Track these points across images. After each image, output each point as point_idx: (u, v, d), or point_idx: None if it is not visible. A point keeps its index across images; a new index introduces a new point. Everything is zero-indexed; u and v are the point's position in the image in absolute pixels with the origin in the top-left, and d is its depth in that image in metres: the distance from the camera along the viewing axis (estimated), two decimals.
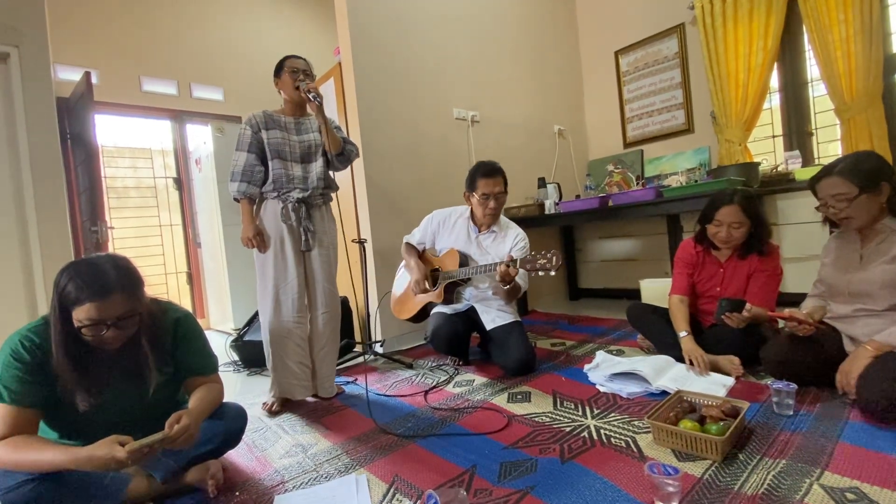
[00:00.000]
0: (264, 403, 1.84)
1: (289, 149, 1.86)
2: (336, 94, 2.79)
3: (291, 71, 1.85)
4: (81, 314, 1.02)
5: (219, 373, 1.35)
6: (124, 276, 1.08)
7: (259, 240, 1.81)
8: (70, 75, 3.23)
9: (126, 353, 1.14)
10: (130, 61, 3.67)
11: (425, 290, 2.14)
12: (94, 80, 3.29)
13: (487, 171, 2.09)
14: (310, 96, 1.76)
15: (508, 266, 1.77)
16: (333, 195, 2.01)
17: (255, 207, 1.86)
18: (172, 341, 1.24)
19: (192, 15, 4.02)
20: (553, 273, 1.70)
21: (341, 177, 2.83)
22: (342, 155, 1.92)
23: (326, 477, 1.27)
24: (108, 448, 0.96)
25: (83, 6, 3.48)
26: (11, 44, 2.32)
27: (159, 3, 3.84)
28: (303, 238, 1.84)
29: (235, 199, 1.84)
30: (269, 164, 1.84)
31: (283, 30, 4.55)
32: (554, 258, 1.69)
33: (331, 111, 2.89)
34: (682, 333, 1.81)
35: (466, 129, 3.17)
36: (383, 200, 2.68)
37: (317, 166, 1.90)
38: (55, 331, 1.05)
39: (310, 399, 1.91)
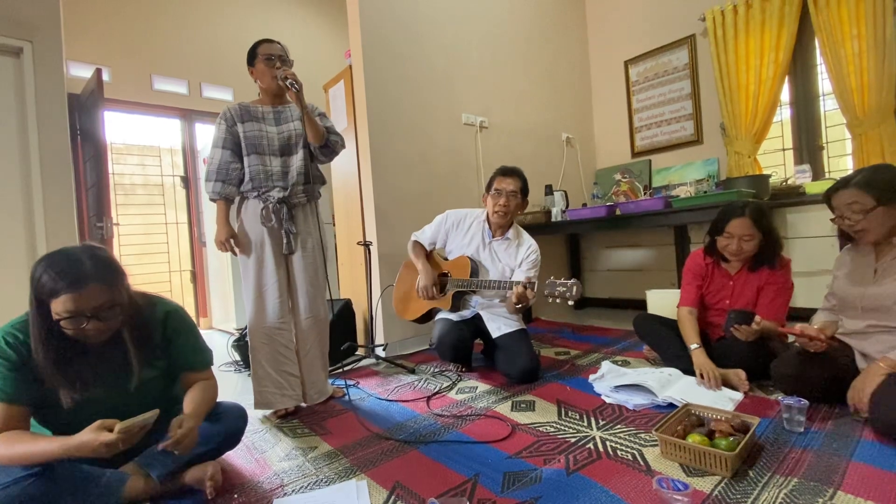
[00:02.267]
0: (273, 412, 1.76)
1: (266, 142, 1.73)
2: (346, 97, 2.80)
3: (266, 58, 1.71)
4: (59, 306, 1.00)
5: (212, 368, 1.33)
6: (101, 266, 1.05)
7: (232, 244, 1.71)
8: (82, 72, 3.26)
9: (112, 348, 1.12)
10: (142, 60, 3.69)
11: (433, 298, 2.12)
12: (105, 77, 3.31)
13: (505, 171, 2.15)
14: (287, 84, 1.63)
15: (526, 290, 1.77)
16: (320, 191, 1.89)
17: (236, 207, 1.77)
18: (163, 335, 1.22)
19: (205, 15, 4.05)
20: (571, 303, 1.71)
21: (347, 178, 2.83)
22: (326, 147, 1.79)
23: (326, 481, 1.24)
24: (95, 433, 0.95)
25: (97, 3, 3.51)
26: (25, 38, 2.34)
27: (173, 2, 3.88)
28: (284, 241, 1.74)
29: (212, 200, 1.74)
30: (245, 159, 1.71)
31: (295, 32, 4.58)
32: (574, 287, 1.70)
33: (340, 113, 2.89)
34: (694, 346, 1.78)
35: (475, 135, 3.16)
36: (390, 203, 2.68)
37: (297, 159, 1.76)
38: (34, 325, 1.03)
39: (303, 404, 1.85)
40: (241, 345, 2.55)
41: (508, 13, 3.45)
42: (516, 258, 2.11)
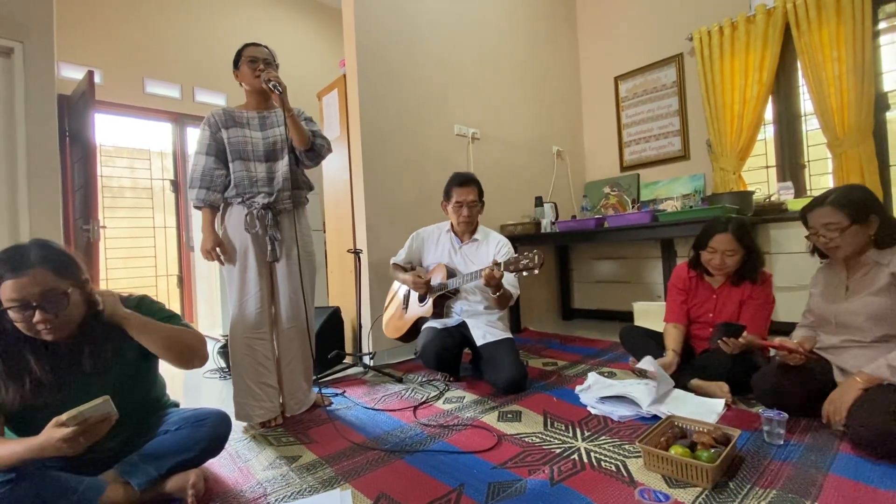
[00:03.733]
0: (260, 424, 1.72)
1: (251, 147, 1.72)
2: (339, 105, 2.81)
3: (250, 60, 1.72)
4: (4, 296, 1.00)
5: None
6: (48, 253, 1.05)
7: (220, 252, 1.69)
8: (73, 73, 3.24)
9: (78, 348, 1.11)
10: (135, 63, 3.68)
11: (427, 289, 2.13)
12: (97, 79, 3.30)
13: (461, 181, 2.20)
14: (270, 86, 1.63)
15: (493, 269, 1.82)
16: (308, 196, 1.88)
17: (220, 214, 1.74)
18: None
19: (201, 20, 4.06)
20: (536, 272, 1.74)
21: (338, 186, 2.83)
22: (311, 150, 1.78)
23: (310, 491, 1.24)
24: (51, 431, 0.94)
25: (91, 5, 3.51)
26: (16, 39, 2.32)
27: (168, 6, 3.88)
28: (269, 248, 1.71)
29: (196, 208, 1.71)
30: (230, 165, 1.71)
31: (291, 39, 4.61)
32: (536, 257, 1.74)
33: (333, 121, 2.91)
34: (669, 351, 1.84)
35: (467, 146, 3.20)
36: (381, 212, 2.69)
37: (282, 164, 1.74)
38: None
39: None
40: (226, 351, 2.52)
41: (502, 29, 3.52)
42: (488, 255, 2.15)
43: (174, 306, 4.01)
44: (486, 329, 2.11)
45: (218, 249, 1.70)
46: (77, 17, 3.42)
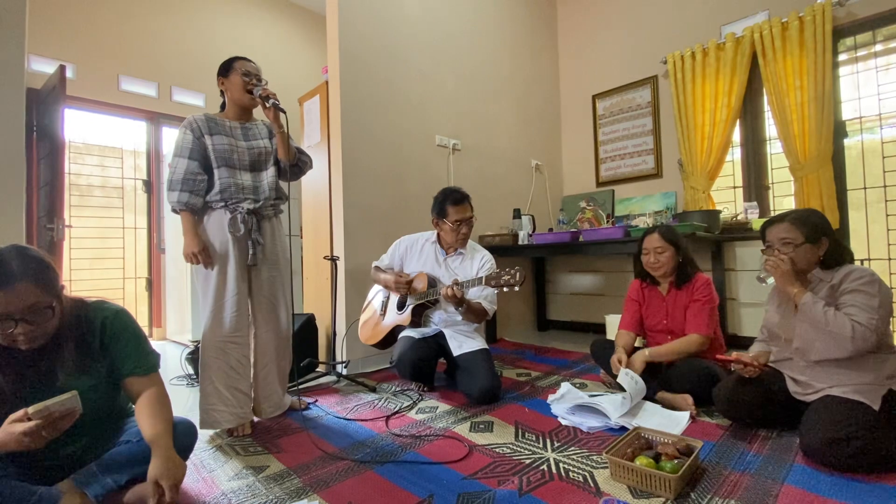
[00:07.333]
0: (228, 431, 1.69)
1: (237, 156, 1.74)
2: (321, 112, 2.81)
3: (243, 73, 1.74)
4: None
5: (159, 372, 1.27)
6: (31, 265, 1.01)
7: (205, 255, 1.67)
8: (45, 67, 3.14)
9: (43, 356, 1.07)
10: (111, 59, 3.60)
11: (407, 289, 2.14)
12: (70, 74, 3.21)
13: (457, 199, 2.17)
14: (269, 103, 1.68)
15: (452, 288, 1.86)
16: (284, 207, 1.91)
17: (198, 218, 1.74)
18: (101, 341, 1.18)
19: (181, 18, 4.00)
20: (517, 288, 1.77)
21: (317, 192, 2.82)
22: (296, 166, 1.85)
23: (276, 502, 1.21)
24: (11, 425, 0.91)
25: None
26: None
27: (149, 3, 3.81)
28: (250, 252, 1.72)
29: (175, 211, 1.70)
30: (216, 172, 1.71)
31: (273, 43, 4.58)
32: (517, 274, 1.77)
33: (314, 127, 2.90)
34: (618, 349, 1.98)
35: (447, 157, 3.23)
36: (360, 219, 2.68)
37: (268, 175, 1.80)
38: None
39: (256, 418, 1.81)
40: (195, 358, 2.46)
41: (485, 44, 3.58)
42: (472, 269, 2.17)
43: (141, 310, 3.89)
44: (462, 339, 2.12)
45: (204, 253, 1.67)
46: (52, 9, 3.33)
